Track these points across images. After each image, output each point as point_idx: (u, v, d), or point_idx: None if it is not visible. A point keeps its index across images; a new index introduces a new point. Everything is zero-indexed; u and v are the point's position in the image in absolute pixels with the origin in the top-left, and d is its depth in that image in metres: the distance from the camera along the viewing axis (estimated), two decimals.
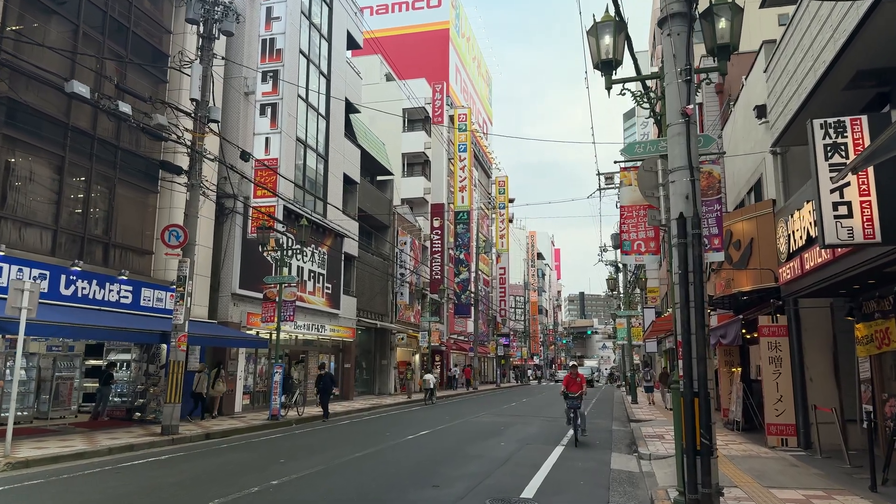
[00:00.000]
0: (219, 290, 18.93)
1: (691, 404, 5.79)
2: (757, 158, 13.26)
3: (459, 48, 50.51)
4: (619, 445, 12.96)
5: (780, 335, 11.61)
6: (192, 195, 14.16)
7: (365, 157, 30.95)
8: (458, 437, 13.75)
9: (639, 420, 18.26)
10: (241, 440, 13.27)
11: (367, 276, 29.50)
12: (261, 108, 19.65)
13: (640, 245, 7.61)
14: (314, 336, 23.92)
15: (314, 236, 23.71)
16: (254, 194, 19.10)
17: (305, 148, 23.71)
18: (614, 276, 31.30)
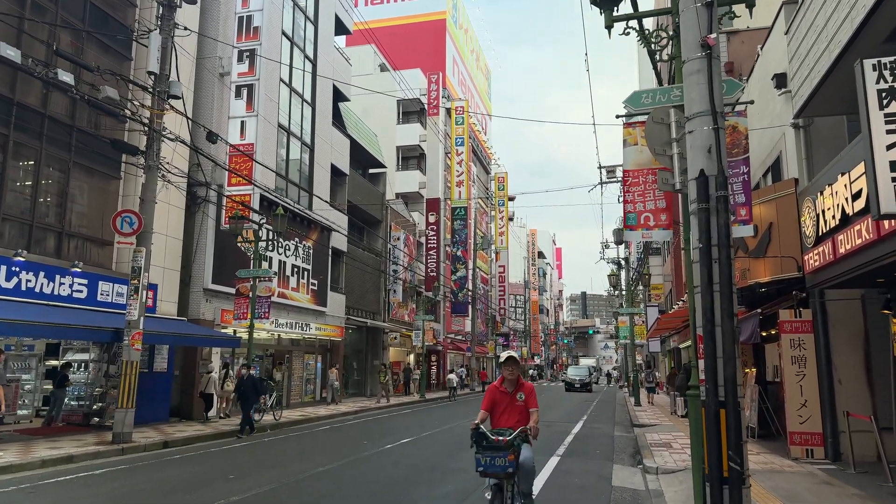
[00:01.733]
0: (190, 285, 17.59)
1: (716, 417, 4.44)
2: (774, 135, 11.90)
3: (457, 39, 49.11)
4: (622, 455, 11.60)
5: (804, 331, 10.25)
6: (148, 178, 12.83)
7: (356, 149, 29.61)
8: (442, 445, 12.40)
9: (643, 425, 16.88)
10: (200, 449, 11.93)
11: (358, 273, 28.16)
12: (236, 89, 18.33)
13: (647, 218, 6.25)
14: (298, 335, 22.58)
15: (298, 229, 22.39)
16: (228, 182, 17.77)
17: (288, 135, 22.37)
18: (616, 273, 29.93)
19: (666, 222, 6.31)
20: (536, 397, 5.42)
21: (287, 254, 21.51)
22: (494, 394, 5.42)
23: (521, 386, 5.38)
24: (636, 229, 6.39)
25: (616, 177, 34.19)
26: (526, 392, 5.38)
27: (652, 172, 6.23)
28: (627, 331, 27.79)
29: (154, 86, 12.80)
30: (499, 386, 5.43)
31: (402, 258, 32.98)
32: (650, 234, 6.35)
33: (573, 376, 42.17)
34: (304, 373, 23.79)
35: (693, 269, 4.76)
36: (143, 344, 15.52)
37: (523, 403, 5.35)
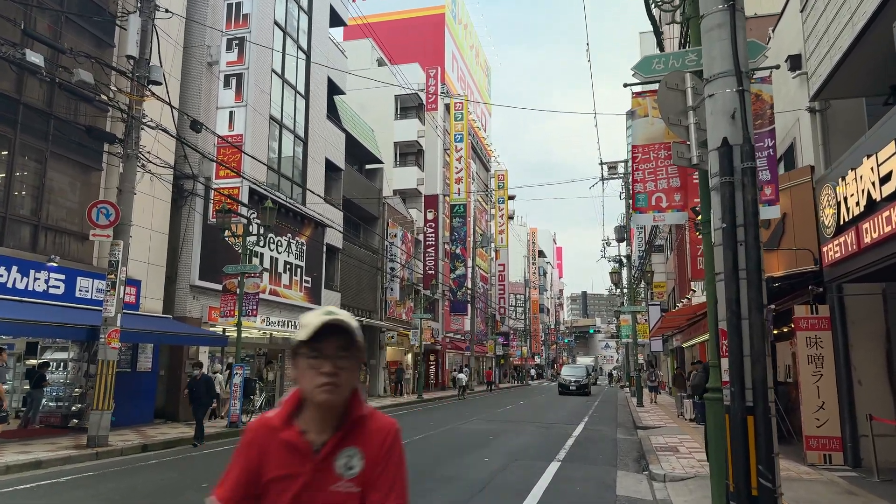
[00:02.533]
0: (176, 281, 16.95)
1: (742, 425, 3.79)
2: (787, 121, 11.24)
3: (456, 35, 48.43)
4: (626, 460, 10.95)
5: (821, 328, 9.59)
6: (127, 167, 12.18)
7: (352, 144, 28.97)
8: (435, 450, 11.75)
9: (647, 427, 16.23)
10: (180, 453, 11.29)
11: (354, 270, 27.52)
12: (225, 79, 17.67)
13: (659, 198, 5.59)
14: (291, 334, 21.92)
15: (292, 224, 21.74)
16: (216, 175, 17.11)
17: (281, 128, 21.73)
18: (618, 270, 29.25)
19: (680, 203, 5.65)
20: (405, 474, 1.57)
21: (279, 250, 20.87)
22: (261, 453, 1.60)
23: (361, 431, 1.57)
24: (646, 212, 5.72)
25: (617, 173, 33.54)
26: (372, 457, 1.55)
27: (664, 147, 5.57)
28: (629, 329, 27.13)
29: (133, 70, 12.14)
30: (279, 426, 1.59)
31: (400, 256, 32.33)
32: (662, 216, 5.68)
33: (568, 377, 37.32)
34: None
35: (714, 253, 4.10)
36: (125, 343, 14.98)
37: (356, 495, 1.53)
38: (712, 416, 4.96)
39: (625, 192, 32.32)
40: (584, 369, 38.93)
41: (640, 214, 5.84)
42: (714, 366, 5.09)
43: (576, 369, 39.34)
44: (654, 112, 5.49)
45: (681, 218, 5.89)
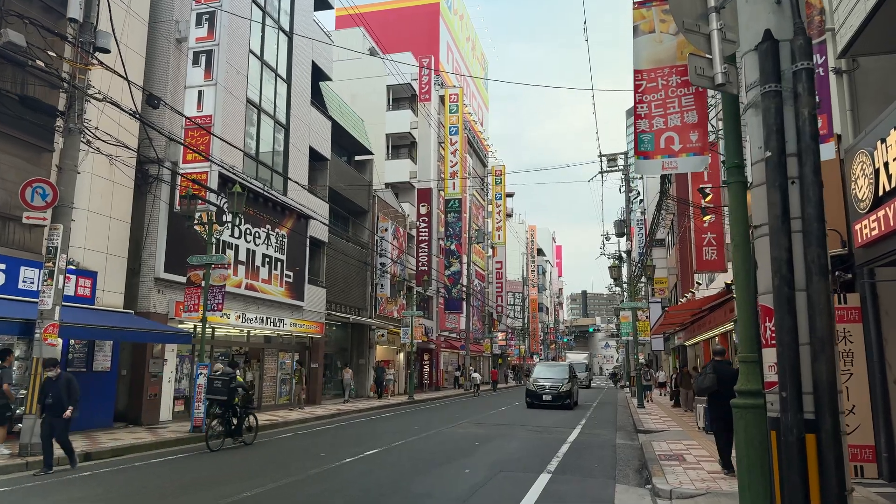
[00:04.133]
0: (140, 274, 15.69)
1: (799, 448, 2.53)
2: None
3: (451, 25, 47.14)
4: (626, 470, 9.69)
5: (850, 320, 8.33)
6: (68, 143, 10.91)
7: (339, 134, 27.73)
8: (413, 459, 10.49)
9: (648, 431, 14.98)
10: (127, 462, 10.02)
11: (341, 265, 26.24)
12: (194, 56, 16.40)
13: (670, 139, 4.33)
14: (271, 331, 20.66)
15: (271, 215, 20.48)
16: (183, 159, 15.85)
17: (259, 113, 20.48)
18: (617, 264, 27.99)
19: (698, 145, 4.39)
20: None
21: (257, 242, 19.61)
22: None
23: None
24: (653, 157, 4.44)
25: (617, 165, 32.33)
26: None
27: (677, 72, 4.31)
28: (630, 327, 25.88)
29: (76, 36, 10.89)
30: None
31: (391, 251, 31.06)
32: (674, 162, 4.40)
33: (540, 381, 24.14)
34: (279, 373, 21.89)
35: (752, 198, 2.84)
36: (79, 340, 13.79)
37: None
38: (744, 430, 3.73)
39: (624, 185, 31.14)
40: (565, 369, 25.34)
41: (646, 161, 4.53)
42: (748, 360, 3.86)
43: (552, 369, 25.76)
44: (662, 26, 4.24)
45: (699, 163, 4.62)
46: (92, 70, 12.89)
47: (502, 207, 56.62)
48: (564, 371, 25.08)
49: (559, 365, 26.93)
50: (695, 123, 4.38)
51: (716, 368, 8.96)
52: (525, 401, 23.85)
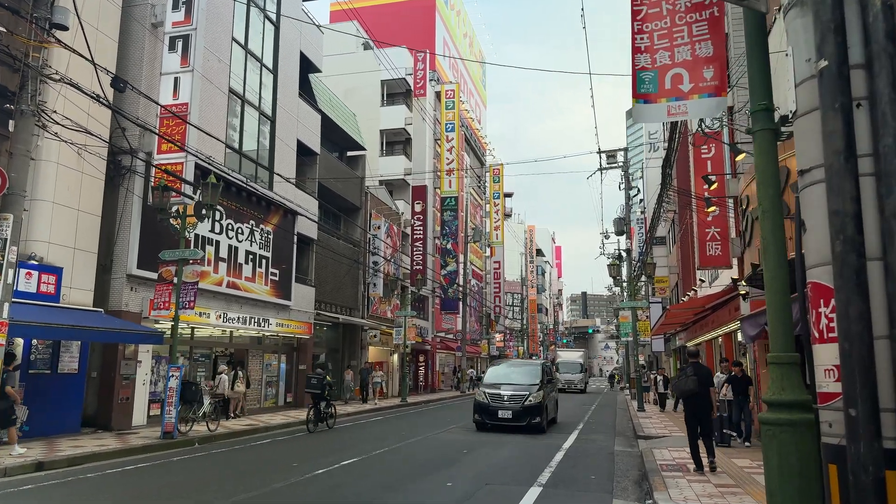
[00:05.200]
0: (112, 270, 14.86)
1: (877, 492, 1.67)
2: None
3: (448, 21, 46.35)
4: (625, 482, 8.85)
5: None
6: (20, 125, 10.09)
7: (330, 128, 26.91)
8: (392, 469, 9.64)
9: (649, 436, 14.15)
10: (78, 473, 9.17)
11: (331, 264, 25.39)
12: (170, 41, 15.56)
13: (678, 77, 3.48)
14: (256, 332, 19.82)
15: (255, 210, 19.65)
16: (158, 149, 15.03)
17: (243, 104, 19.66)
18: (617, 262, 27.15)
19: (714, 83, 3.55)
20: None
21: (240, 238, 18.77)
22: None
23: None
24: (656, 100, 3.57)
25: (616, 162, 31.53)
26: None
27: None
28: (629, 327, 25.04)
29: (31, 11, 10.07)
30: None
31: (384, 249, 30.22)
32: (683, 105, 3.53)
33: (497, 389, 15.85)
34: (265, 375, 21.04)
35: (800, 132, 2.00)
36: (42, 340, 12.97)
37: None
38: (777, 455, 2.89)
39: (624, 182, 30.34)
40: (535, 371, 16.83)
41: (647, 105, 3.64)
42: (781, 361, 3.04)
43: (515, 371, 17.22)
44: None
45: (714, 107, 3.76)
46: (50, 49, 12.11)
47: (500, 206, 55.81)
48: (533, 373, 16.38)
49: (527, 364, 18.19)
50: (709, 57, 3.54)
51: (696, 371, 9.20)
52: (473, 419, 15.58)
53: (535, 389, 15.34)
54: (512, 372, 16.83)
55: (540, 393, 15.27)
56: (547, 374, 17.03)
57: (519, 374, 16.44)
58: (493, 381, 16.18)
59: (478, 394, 16.00)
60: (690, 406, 9.21)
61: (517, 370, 17.02)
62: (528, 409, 14.87)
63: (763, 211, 3.11)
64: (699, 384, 9.02)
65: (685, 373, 9.39)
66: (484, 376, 17.29)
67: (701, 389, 9.04)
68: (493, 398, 15.32)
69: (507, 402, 15.11)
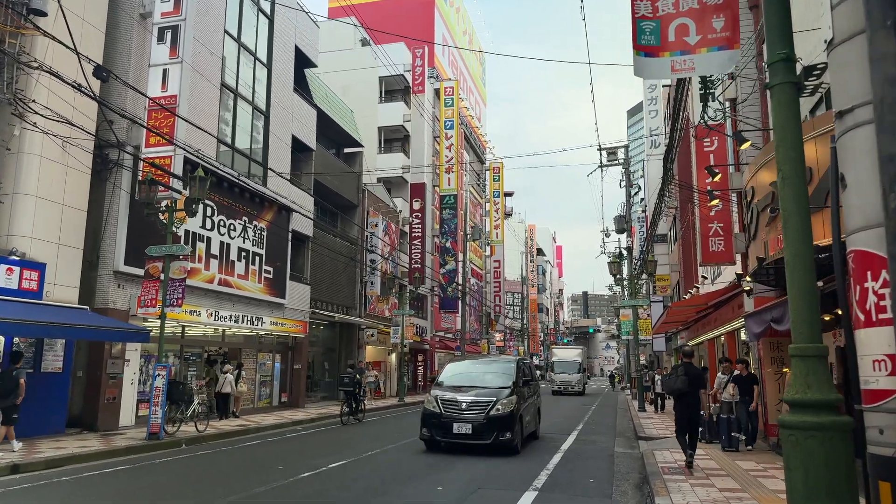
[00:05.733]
0: (98, 267, 14.47)
1: None
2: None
3: (447, 17, 45.94)
4: (625, 486, 8.45)
5: None
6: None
7: (327, 125, 26.53)
8: (382, 472, 9.25)
9: (650, 437, 13.76)
10: (56, 476, 8.78)
11: (328, 262, 25.01)
12: (159, 32, 15.18)
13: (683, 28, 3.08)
14: (249, 330, 19.43)
15: (248, 206, 19.28)
16: (146, 143, 14.64)
17: (236, 98, 19.28)
18: (617, 260, 26.73)
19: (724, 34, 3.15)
20: None
21: (232, 234, 18.39)
22: None
23: None
24: (659, 54, 3.16)
25: (617, 159, 31.11)
26: None
27: None
28: (630, 325, 24.62)
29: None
30: None
31: (382, 247, 29.82)
32: (690, 60, 3.14)
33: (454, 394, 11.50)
34: (259, 375, 20.67)
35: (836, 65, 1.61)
36: (24, 338, 12.60)
37: None
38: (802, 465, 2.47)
39: (625, 179, 29.94)
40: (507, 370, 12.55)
41: (649, 59, 3.22)
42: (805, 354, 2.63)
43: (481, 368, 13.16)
44: None
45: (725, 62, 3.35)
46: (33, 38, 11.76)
47: (500, 205, 55.39)
48: (504, 372, 12.39)
49: (497, 361, 14.11)
50: (718, 4, 3.15)
51: (687, 370, 9.38)
52: (420, 434, 11.55)
53: (506, 394, 11.17)
54: (477, 370, 12.79)
55: (512, 399, 11.11)
56: (524, 373, 12.78)
57: (485, 374, 12.39)
58: (452, 383, 12.07)
59: (427, 400, 11.46)
60: (680, 404, 9.49)
61: (484, 368, 12.98)
62: (495, 422, 10.73)
63: (783, 178, 2.71)
64: (688, 384, 9.26)
65: (676, 372, 9.61)
66: (439, 375, 12.65)
67: (691, 389, 9.31)
68: (447, 405, 11.09)
69: (465, 411, 10.92)
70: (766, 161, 9.24)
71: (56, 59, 11.92)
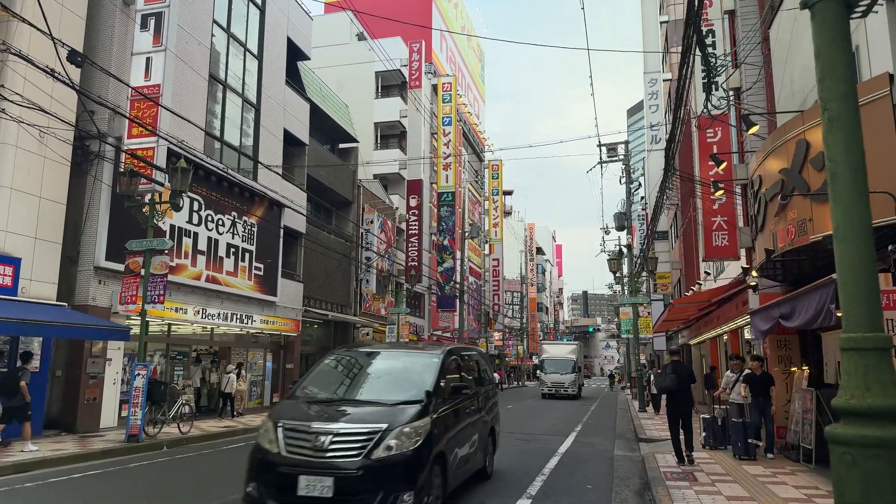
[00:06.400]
0: (78, 262, 13.95)
1: None
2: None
3: (445, 13, 45.39)
4: (625, 493, 7.93)
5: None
6: None
7: (321, 119, 26.04)
8: None
9: (651, 439, 13.23)
10: (21, 481, 8.26)
11: (321, 259, 24.48)
12: (142, 19, 14.66)
13: None
14: (239, 328, 18.90)
15: (237, 201, 18.76)
16: (128, 133, 14.13)
17: (225, 90, 18.77)
18: (617, 257, 26.19)
19: None
20: None
21: (220, 230, 17.87)
22: None
23: None
24: None
25: (617, 155, 30.59)
26: None
27: None
28: (630, 324, 24.10)
29: None
30: None
31: (378, 245, 29.30)
32: None
33: (318, 414, 6.20)
34: (250, 374, 20.15)
35: None
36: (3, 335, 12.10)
37: None
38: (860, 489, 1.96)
39: (625, 176, 29.43)
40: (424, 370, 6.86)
41: None
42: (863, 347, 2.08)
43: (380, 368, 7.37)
44: None
45: None
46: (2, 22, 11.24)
47: (499, 203, 54.87)
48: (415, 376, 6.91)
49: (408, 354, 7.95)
50: None
51: (675, 369, 9.64)
52: (245, 491, 6.00)
53: (411, 416, 6.09)
54: (370, 371, 7.41)
55: (420, 425, 6.07)
56: (460, 376, 7.68)
57: (381, 378, 7.23)
58: (317, 395, 6.90)
59: (262, 432, 6.29)
60: (671, 403, 9.82)
61: (383, 367, 7.49)
62: (382, 471, 5.70)
63: (829, 120, 2.21)
64: (677, 382, 9.50)
65: (665, 371, 9.88)
66: (303, 381, 7.20)
67: (680, 387, 9.56)
68: (294, 440, 5.94)
69: (327, 451, 5.77)
70: (774, 148, 8.74)
71: (35, 48, 11.43)
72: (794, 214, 7.94)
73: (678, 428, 9.63)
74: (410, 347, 8.80)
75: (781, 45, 10.62)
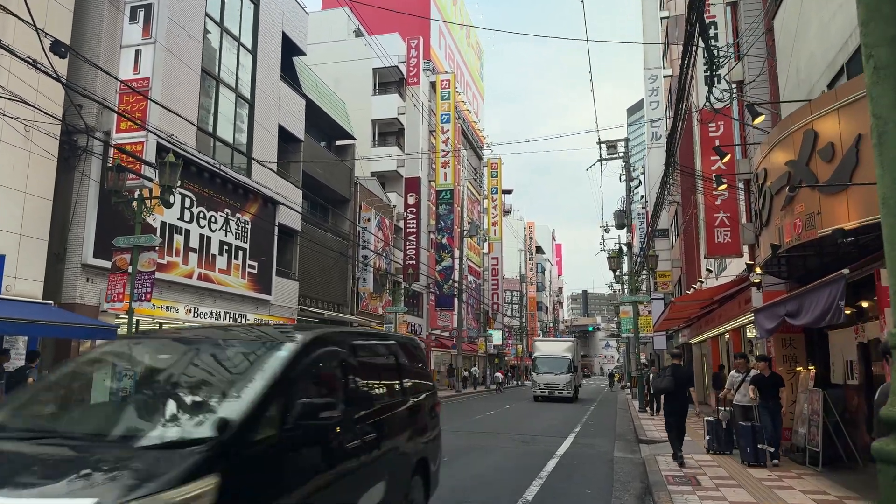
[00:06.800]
0: (65, 260, 13.64)
1: None
2: (852, 16, 7.91)
3: (444, 9, 45.03)
4: (625, 497, 7.62)
5: None
6: None
7: (319, 117, 25.76)
8: None
9: (652, 440, 12.91)
10: None
11: (317, 257, 24.17)
12: (131, 11, 14.35)
13: None
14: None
15: (230, 198, 18.44)
16: (117, 128, 13.81)
17: (218, 84, 18.44)
18: (617, 255, 25.87)
19: None
20: None
21: (213, 227, 17.55)
22: None
23: None
24: None
25: (617, 152, 30.27)
26: None
27: None
28: (630, 323, 23.79)
29: None
30: None
31: (375, 243, 28.99)
32: None
33: None
34: None
35: None
36: None
37: None
38: None
39: (625, 173, 29.12)
40: (266, 364, 3.59)
41: None
42: None
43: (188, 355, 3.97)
44: None
45: None
46: None
47: (498, 202, 54.57)
48: (225, 388, 3.49)
49: (222, 344, 3.99)
50: None
51: (674, 371, 9.86)
52: None
53: (165, 482, 2.59)
54: (144, 380, 3.94)
55: (185, 497, 2.60)
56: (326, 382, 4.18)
57: (157, 392, 3.69)
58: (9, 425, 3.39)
59: None
60: (668, 403, 10.13)
61: (174, 367, 3.89)
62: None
63: (875, 68, 1.88)
64: (674, 384, 9.73)
65: (664, 373, 10.16)
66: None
67: (676, 388, 9.81)
68: None
69: None
70: (780, 139, 8.42)
71: (20, 39, 11.10)
72: (802, 208, 7.63)
73: (673, 428, 9.82)
74: (247, 332, 4.55)
75: (787, 33, 10.30)
